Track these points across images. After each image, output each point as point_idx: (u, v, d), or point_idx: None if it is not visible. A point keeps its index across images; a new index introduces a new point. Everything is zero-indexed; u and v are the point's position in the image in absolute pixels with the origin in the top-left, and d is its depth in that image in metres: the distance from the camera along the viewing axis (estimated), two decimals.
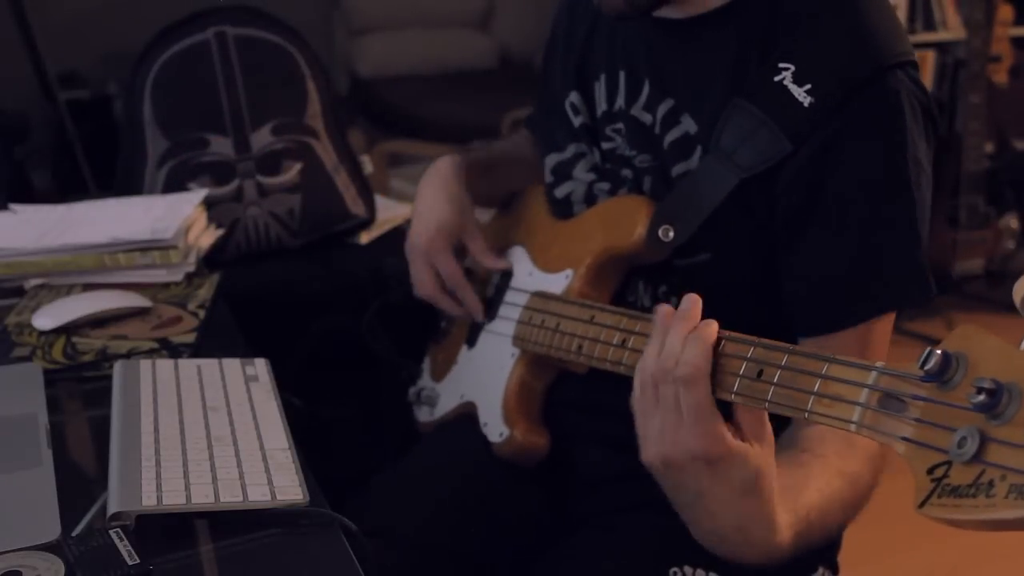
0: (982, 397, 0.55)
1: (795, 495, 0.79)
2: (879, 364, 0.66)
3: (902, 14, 3.42)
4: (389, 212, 1.65)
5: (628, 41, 1.04)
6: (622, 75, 1.04)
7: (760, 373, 0.73)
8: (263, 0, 1.53)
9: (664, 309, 0.78)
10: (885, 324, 0.92)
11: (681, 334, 0.76)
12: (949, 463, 0.57)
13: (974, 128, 3.06)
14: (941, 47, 3.42)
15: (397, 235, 1.61)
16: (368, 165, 1.63)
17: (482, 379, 1.11)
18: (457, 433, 1.13)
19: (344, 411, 1.42)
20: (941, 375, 0.59)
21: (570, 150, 1.11)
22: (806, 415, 0.69)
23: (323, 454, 0.98)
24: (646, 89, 1.01)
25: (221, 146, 1.45)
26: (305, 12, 3.33)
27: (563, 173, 1.11)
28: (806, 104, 0.89)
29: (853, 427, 0.65)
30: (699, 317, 0.77)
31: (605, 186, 1.06)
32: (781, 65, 0.91)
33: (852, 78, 0.88)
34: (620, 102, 1.04)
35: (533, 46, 4.19)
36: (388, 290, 1.34)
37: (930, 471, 0.58)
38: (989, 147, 3.17)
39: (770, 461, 0.75)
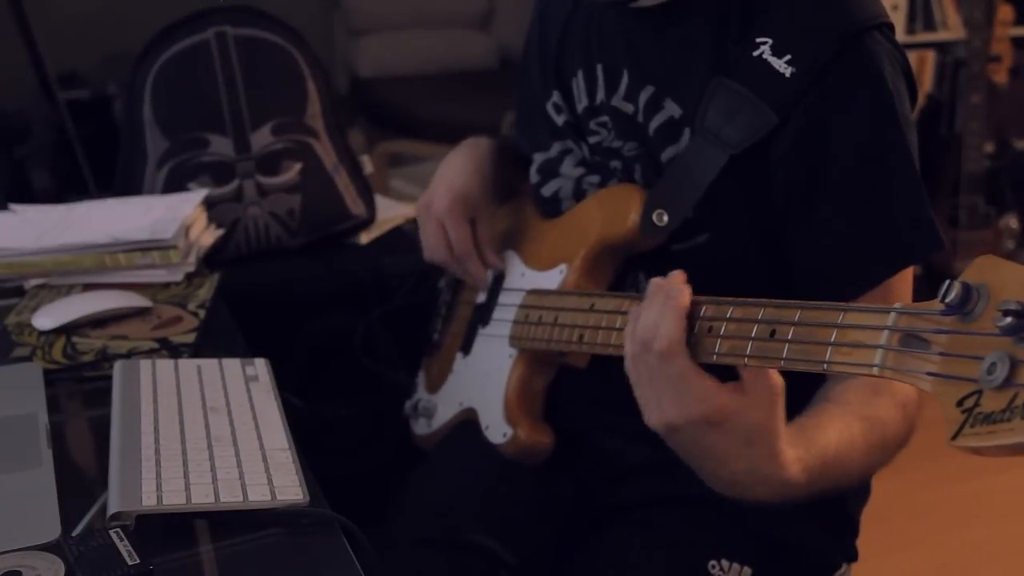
0: (1009, 320, 0.55)
1: (811, 434, 0.81)
2: (897, 305, 0.65)
3: (902, 14, 3.43)
4: (389, 212, 1.65)
5: (603, 36, 1.04)
6: (600, 69, 1.04)
7: (773, 332, 0.72)
8: (263, 0, 1.53)
9: (654, 282, 0.80)
10: (902, 282, 0.92)
11: (657, 307, 0.78)
12: (979, 391, 0.56)
13: (974, 128, 3.06)
14: (941, 47, 3.43)
15: (397, 235, 1.61)
16: (368, 165, 1.63)
17: (481, 383, 1.10)
18: (467, 441, 1.12)
19: (344, 411, 1.42)
20: (962, 306, 0.59)
21: (555, 148, 1.10)
22: (824, 367, 0.68)
23: (323, 454, 0.98)
24: (624, 79, 1.01)
25: (221, 146, 1.45)
26: (305, 12, 3.33)
27: (549, 171, 1.11)
28: (787, 75, 0.90)
29: (876, 370, 0.64)
30: (680, 289, 0.78)
31: (595, 179, 1.05)
32: (759, 39, 0.91)
33: (831, 44, 0.89)
34: (601, 95, 1.04)
35: None
36: (385, 300, 1.33)
37: (960, 403, 0.57)
38: (989, 147, 3.16)
39: (772, 407, 0.76)
